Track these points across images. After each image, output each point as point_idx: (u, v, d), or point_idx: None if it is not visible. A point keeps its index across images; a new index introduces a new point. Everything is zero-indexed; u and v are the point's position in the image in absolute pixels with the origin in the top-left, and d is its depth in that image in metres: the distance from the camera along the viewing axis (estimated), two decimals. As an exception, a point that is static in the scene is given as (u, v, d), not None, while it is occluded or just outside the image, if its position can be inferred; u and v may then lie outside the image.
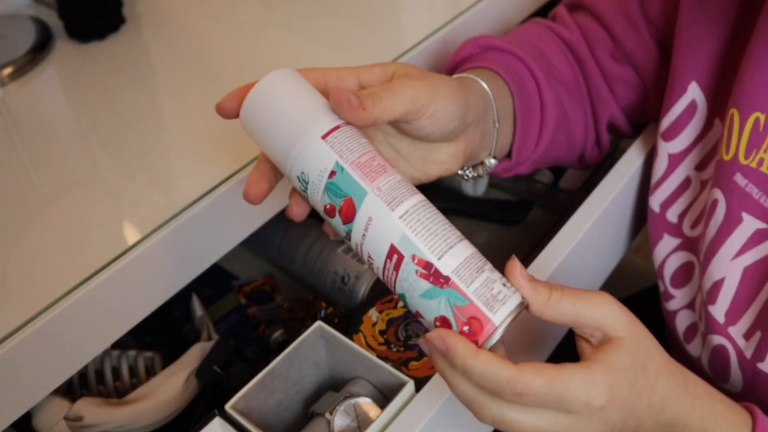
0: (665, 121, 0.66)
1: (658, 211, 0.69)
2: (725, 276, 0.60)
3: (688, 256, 0.67)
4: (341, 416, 0.58)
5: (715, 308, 0.60)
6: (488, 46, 0.65)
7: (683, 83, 0.65)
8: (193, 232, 0.56)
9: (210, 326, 0.69)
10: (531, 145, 0.64)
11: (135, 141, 0.64)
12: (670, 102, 0.66)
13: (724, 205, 0.60)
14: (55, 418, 0.59)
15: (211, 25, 0.80)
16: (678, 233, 0.68)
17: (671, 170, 0.67)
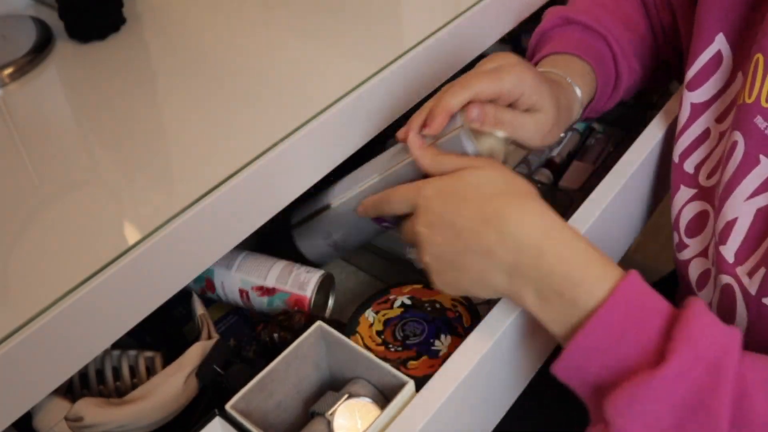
0: (691, 71, 0.69)
1: (677, 162, 0.71)
2: (738, 216, 0.60)
3: (702, 205, 0.68)
4: (341, 416, 0.58)
5: (726, 248, 0.61)
6: (571, 19, 0.78)
7: (710, 34, 0.67)
8: (193, 232, 0.56)
9: (210, 325, 0.69)
10: (599, 108, 0.78)
11: (135, 141, 0.64)
12: (696, 52, 0.68)
13: (742, 147, 0.61)
14: (55, 419, 0.59)
15: (212, 25, 0.80)
16: (694, 183, 0.69)
17: (692, 120, 0.69)
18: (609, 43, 0.76)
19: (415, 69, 0.72)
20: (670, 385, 0.47)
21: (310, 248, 0.76)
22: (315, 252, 0.76)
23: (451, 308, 0.76)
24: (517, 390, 0.66)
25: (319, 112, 0.64)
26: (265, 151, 0.60)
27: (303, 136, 0.62)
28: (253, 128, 0.64)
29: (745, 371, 0.47)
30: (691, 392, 0.47)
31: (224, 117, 0.66)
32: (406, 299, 0.78)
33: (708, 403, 0.46)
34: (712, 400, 0.46)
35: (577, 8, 0.79)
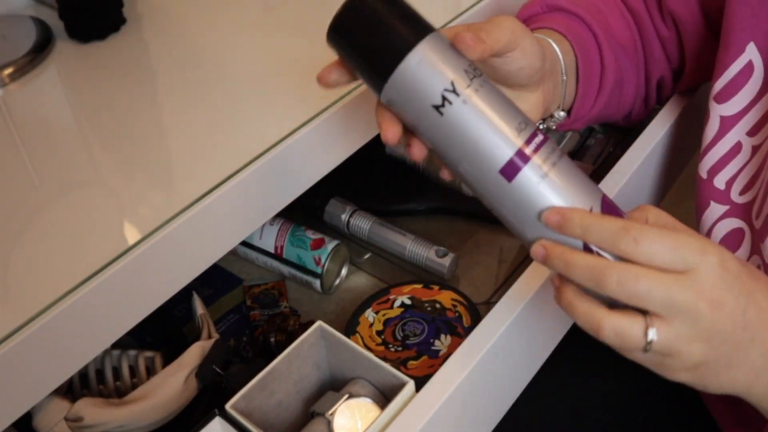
0: (719, 83, 0.66)
1: (705, 177, 0.67)
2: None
3: (737, 223, 0.66)
4: (341, 416, 0.58)
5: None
6: (554, 6, 0.70)
7: (741, 44, 0.64)
8: (193, 232, 0.56)
9: (210, 325, 0.69)
10: (589, 104, 0.68)
11: (135, 141, 0.64)
12: (725, 63, 0.65)
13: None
14: (55, 419, 0.59)
15: (212, 25, 0.80)
16: (725, 200, 0.66)
17: (722, 134, 0.66)
18: (593, 32, 0.69)
19: (415, 69, 0.72)
20: None
21: None
22: None
23: (451, 308, 0.76)
24: (517, 390, 0.66)
25: (320, 111, 0.64)
26: (265, 151, 0.60)
27: (303, 135, 0.62)
28: (253, 128, 0.64)
29: None
30: None
31: (224, 117, 0.66)
32: (406, 299, 0.78)
33: None
34: None
35: None
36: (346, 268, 0.89)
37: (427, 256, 0.85)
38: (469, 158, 0.49)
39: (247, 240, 0.88)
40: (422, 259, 0.85)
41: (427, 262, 0.85)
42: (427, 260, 0.85)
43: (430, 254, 0.85)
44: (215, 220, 0.58)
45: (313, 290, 0.87)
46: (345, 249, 0.88)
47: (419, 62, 0.48)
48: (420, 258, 0.86)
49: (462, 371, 0.55)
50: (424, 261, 0.85)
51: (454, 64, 0.49)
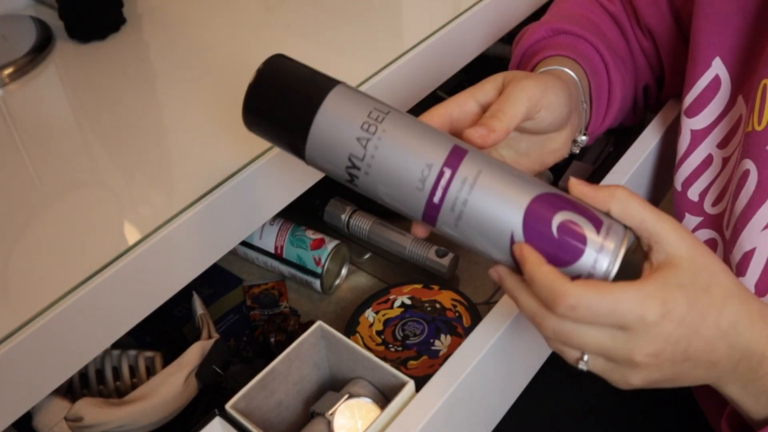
0: (688, 97, 0.67)
1: (680, 190, 0.69)
2: (756, 246, 0.59)
3: (710, 233, 0.67)
4: (341, 416, 0.58)
5: (745, 280, 0.60)
6: (559, 30, 0.71)
7: (707, 59, 0.65)
8: (193, 232, 0.56)
9: (210, 325, 0.69)
10: (599, 122, 0.71)
11: (135, 141, 0.64)
12: (693, 78, 0.66)
13: (756, 176, 0.59)
14: (55, 419, 0.59)
15: (212, 25, 0.80)
16: (699, 212, 0.68)
17: (694, 147, 0.68)
18: (600, 52, 0.70)
19: (415, 69, 0.72)
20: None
21: None
22: None
23: (451, 308, 0.76)
24: (517, 390, 0.66)
25: (319, 112, 0.64)
26: (265, 152, 0.60)
27: (303, 136, 0.62)
28: (253, 128, 0.64)
29: None
30: None
31: (224, 117, 0.66)
32: (406, 299, 0.78)
33: None
34: None
35: (564, 19, 0.72)
36: (346, 268, 0.89)
37: (427, 256, 0.85)
38: (399, 209, 0.50)
39: (247, 240, 0.88)
40: (422, 259, 0.85)
41: (427, 262, 0.85)
42: (427, 260, 0.85)
43: (430, 254, 0.85)
44: (215, 220, 0.58)
45: (313, 290, 0.87)
46: (345, 249, 0.88)
47: (316, 143, 0.49)
48: (420, 258, 0.86)
49: (462, 371, 0.55)
50: (424, 261, 0.85)
51: (350, 128, 0.48)
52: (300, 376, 0.62)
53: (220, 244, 0.60)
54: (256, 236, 0.87)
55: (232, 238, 0.61)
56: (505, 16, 0.84)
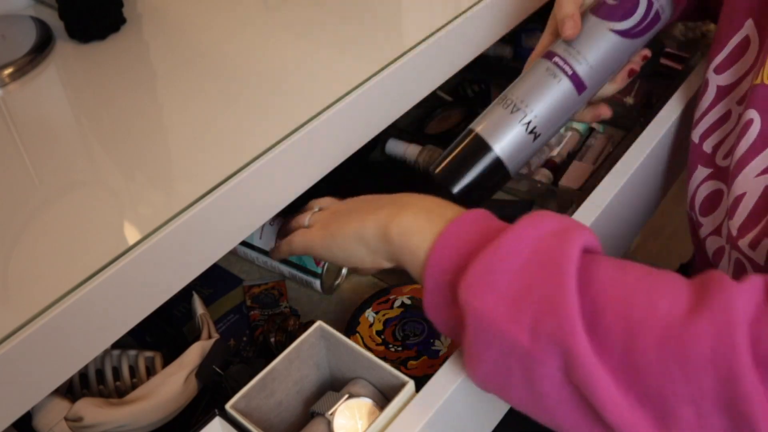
0: (720, 56, 0.70)
1: (697, 142, 0.72)
2: (746, 191, 0.61)
3: (717, 185, 0.70)
4: (341, 416, 0.58)
5: (732, 222, 0.62)
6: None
7: (740, 20, 0.69)
8: (193, 232, 0.56)
9: (210, 325, 0.69)
10: None
11: (135, 141, 0.64)
12: (726, 38, 0.70)
13: (758, 126, 0.62)
14: (55, 419, 0.59)
15: (212, 25, 0.80)
16: (711, 163, 0.70)
17: (717, 102, 0.71)
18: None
19: (415, 69, 0.72)
20: (516, 249, 0.48)
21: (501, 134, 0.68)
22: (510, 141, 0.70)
23: (451, 308, 0.76)
24: (517, 390, 0.66)
25: (319, 112, 0.64)
26: (265, 151, 0.60)
27: (303, 136, 0.62)
28: (253, 128, 0.64)
29: (594, 256, 0.49)
30: (537, 252, 0.48)
31: (224, 117, 0.66)
32: (406, 299, 0.78)
33: (554, 257, 0.47)
34: (557, 255, 0.47)
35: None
36: (347, 268, 0.89)
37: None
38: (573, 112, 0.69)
39: (247, 240, 0.88)
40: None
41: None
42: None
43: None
44: (215, 220, 0.58)
45: (313, 290, 0.87)
46: None
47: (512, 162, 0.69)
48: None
49: (462, 371, 0.55)
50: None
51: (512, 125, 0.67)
52: (300, 376, 0.62)
53: (220, 244, 0.60)
54: (256, 236, 0.87)
55: (232, 238, 0.61)
56: (505, 16, 0.84)
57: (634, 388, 0.44)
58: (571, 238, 0.48)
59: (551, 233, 0.49)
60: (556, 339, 0.45)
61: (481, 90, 1.11)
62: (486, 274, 0.48)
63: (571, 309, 0.45)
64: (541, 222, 0.50)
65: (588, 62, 0.66)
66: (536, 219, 0.51)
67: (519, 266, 0.47)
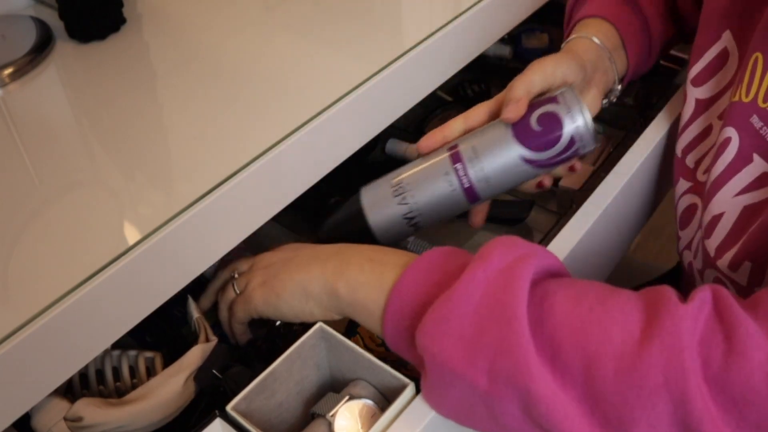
0: (696, 67, 0.70)
1: (680, 156, 0.72)
2: (725, 211, 0.61)
3: (693, 198, 0.70)
4: (342, 417, 0.58)
5: (710, 242, 0.62)
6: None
7: (717, 31, 0.68)
8: (193, 232, 0.56)
9: (207, 328, 0.69)
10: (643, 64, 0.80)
11: (135, 141, 0.64)
12: (702, 48, 0.69)
13: (736, 144, 0.61)
14: (54, 419, 0.59)
15: (212, 25, 0.80)
16: (691, 178, 0.70)
17: (696, 116, 0.70)
18: (640, 6, 0.77)
19: (415, 69, 0.72)
20: (467, 293, 0.49)
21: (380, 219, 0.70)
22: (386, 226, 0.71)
23: (452, 309, 0.75)
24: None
25: (319, 112, 0.64)
26: (265, 152, 0.60)
27: (303, 136, 0.62)
28: (253, 128, 0.63)
29: (550, 282, 0.50)
30: (487, 295, 0.48)
31: (224, 117, 0.65)
32: (406, 300, 0.78)
33: (503, 299, 0.48)
34: (506, 296, 0.48)
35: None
36: None
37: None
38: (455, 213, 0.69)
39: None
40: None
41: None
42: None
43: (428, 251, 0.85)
44: (215, 220, 0.58)
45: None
46: None
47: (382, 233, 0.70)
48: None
49: (463, 372, 0.55)
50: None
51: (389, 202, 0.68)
52: (301, 377, 0.62)
53: (221, 245, 0.60)
54: None
55: (232, 239, 0.60)
56: (505, 16, 0.84)
57: (597, 415, 0.45)
58: (519, 275, 0.49)
59: (499, 272, 0.49)
60: (513, 380, 0.47)
61: (481, 90, 1.10)
62: (441, 322, 0.49)
63: (525, 351, 0.46)
64: (490, 257, 0.51)
65: (488, 179, 0.64)
66: (487, 254, 0.51)
67: (471, 311, 0.49)
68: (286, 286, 0.62)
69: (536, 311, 0.48)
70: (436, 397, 0.52)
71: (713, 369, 0.43)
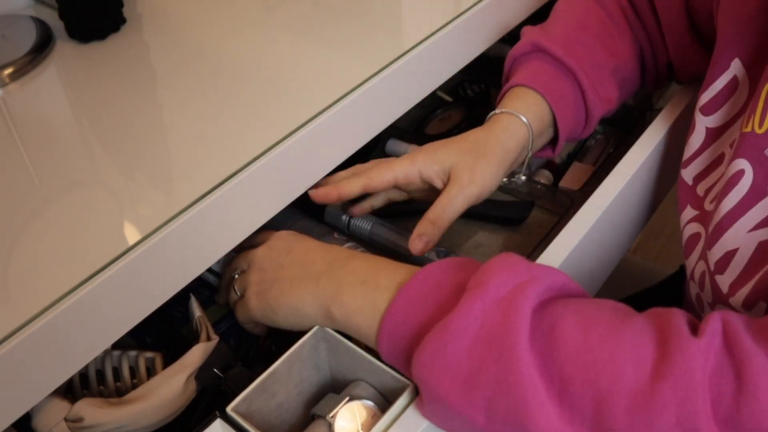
0: (705, 95, 0.68)
1: (690, 184, 0.70)
2: (739, 247, 0.59)
3: (698, 228, 0.68)
4: (342, 418, 0.58)
5: (722, 278, 0.60)
6: (538, 46, 0.76)
7: (726, 59, 0.66)
8: (193, 232, 0.56)
9: (209, 327, 0.69)
10: (578, 133, 0.79)
11: (135, 141, 0.64)
12: (711, 77, 0.67)
13: (750, 178, 0.59)
14: (54, 419, 0.59)
15: (212, 25, 0.80)
16: (699, 206, 0.69)
17: (708, 144, 0.69)
18: (578, 78, 0.75)
19: (415, 69, 0.72)
20: (463, 326, 0.48)
21: None
22: None
23: (452, 309, 0.75)
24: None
25: (319, 112, 0.64)
26: (265, 152, 0.60)
27: (303, 136, 0.62)
28: (253, 128, 0.63)
29: (557, 306, 0.48)
30: (482, 327, 0.47)
31: (224, 117, 0.65)
32: (406, 300, 0.78)
33: (501, 334, 0.47)
34: (505, 331, 0.46)
35: (552, 33, 0.77)
36: None
37: (427, 257, 0.85)
38: None
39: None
40: (423, 260, 0.85)
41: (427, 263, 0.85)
42: (427, 261, 0.85)
43: (430, 254, 0.85)
44: (215, 220, 0.58)
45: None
46: None
47: None
48: (421, 259, 0.85)
49: (463, 372, 0.55)
50: (425, 262, 0.85)
51: None
52: (301, 378, 0.62)
53: (221, 245, 0.60)
54: None
55: (232, 239, 0.60)
56: (505, 16, 0.84)
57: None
58: (517, 308, 0.47)
59: (497, 303, 0.48)
60: (512, 420, 0.46)
61: (481, 90, 1.10)
62: (437, 355, 0.49)
63: (524, 390, 0.45)
64: (487, 286, 0.49)
65: None
66: (484, 281, 0.50)
67: (467, 345, 0.48)
68: (280, 304, 0.62)
69: (543, 341, 0.47)
70: (436, 419, 0.52)
71: (724, 408, 0.42)
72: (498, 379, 0.46)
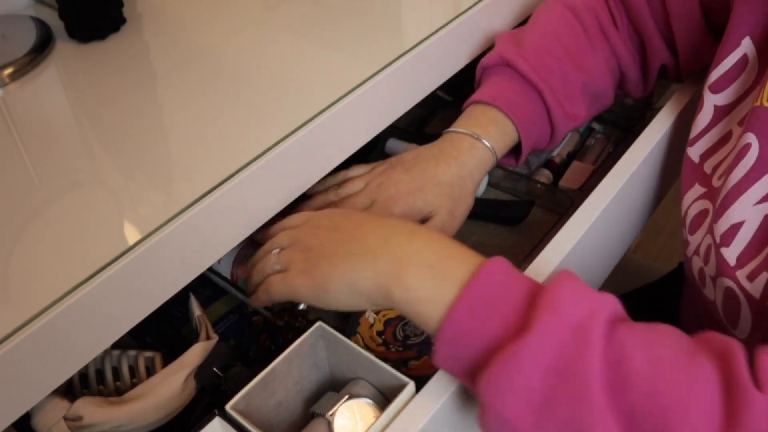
0: (714, 73, 0.68)
1: (697, 161, 0.70)
2: (745, 220, 0.59)
3: (705, 204, 0.68)
4: (342, 417, 0.58)
5: (728, 251, 0.60)
6: (505, 61, 0.75)
7: (737, 37, 0.67)
8: (194, 232, 0.56)
9: (208, 326, 0.69)
10: (543, 145, 0.79)
11: (135, 141, 0.64)
12: (721, 54, 0.68)
13: (756, 151, 0.60)
14: (54, 418, 0.59)
15: (212, 25, 0.80)
16: (707, 184, 0.69)
17: (715, 122, 0.69)
18: (543, 96, 0.75)
19: (415, 69, 0.72)
20: (535, 353, 0.46)
21: None
22: None
23: (451, 308, 0.76)
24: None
25: (319, 112, 0.64)
26: (265, 152, 0.60)
27: (303, 136, 0.62)
28: (253, 128, 0.64)
29: (623, 337, 0.47)
30: (557, 357, 0.46)
31: (224, 117, 0.66)
32: (406, 299, 0.78)
33: (576, 367, 0.45)
34: (579, 364, 0.45)
35: (524, 45, 0.76)
36: None
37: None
38: None
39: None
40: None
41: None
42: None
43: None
44: (215, 220, 0.58)
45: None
46: None
47: None
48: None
49: (462, 371, 0.55)
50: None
51: None
52: (300, 376, 0.62)
53: (221, 244, 0.60)
54: None
55: (232, 238, 0.61)
56: (505, 17, 0.84)
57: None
58: (592, 339, 0.46)
59: (572, 331, 0.46)
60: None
61: (481, 90, 1.11)
62: (507, 378, 0.47)
63: (595, 424, 0.44)
64: (562, 309, 0.47)
65: None
66: (558, 303, 0.48)
67: (541, 374, 0.46)
68: (332, 280, 0.57)
69: (612, 374, 0.45)
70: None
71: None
72: (571, 415, 0.45)
